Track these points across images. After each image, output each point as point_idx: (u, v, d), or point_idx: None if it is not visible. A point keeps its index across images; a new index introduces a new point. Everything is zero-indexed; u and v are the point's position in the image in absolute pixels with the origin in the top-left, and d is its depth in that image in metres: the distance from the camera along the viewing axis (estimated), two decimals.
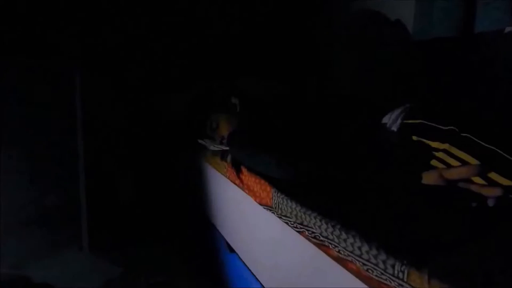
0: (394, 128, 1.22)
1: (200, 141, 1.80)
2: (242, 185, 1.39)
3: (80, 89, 1.97)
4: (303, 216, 0.99)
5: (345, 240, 0.84)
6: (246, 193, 1.36)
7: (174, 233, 2.18)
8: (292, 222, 1.06)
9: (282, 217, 1.11)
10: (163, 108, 2.28)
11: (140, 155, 2.35)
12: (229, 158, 1.51)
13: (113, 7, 2.18)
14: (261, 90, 1.99)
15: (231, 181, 1.50)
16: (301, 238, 1.02)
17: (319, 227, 0.93)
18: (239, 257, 1.51)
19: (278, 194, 1.12)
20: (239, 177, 1.41)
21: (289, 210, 1.06)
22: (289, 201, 1.06)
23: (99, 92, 2.17)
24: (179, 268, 1.92)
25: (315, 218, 0.95)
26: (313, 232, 0.96)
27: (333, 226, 0.88)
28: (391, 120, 1.25)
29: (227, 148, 1.58)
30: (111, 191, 2.23)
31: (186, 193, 2.18)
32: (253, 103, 1.74)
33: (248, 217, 1.41)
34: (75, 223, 2.04)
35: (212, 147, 1.71)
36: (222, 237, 1.67)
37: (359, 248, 0.80)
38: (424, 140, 1.12)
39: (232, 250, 1.57)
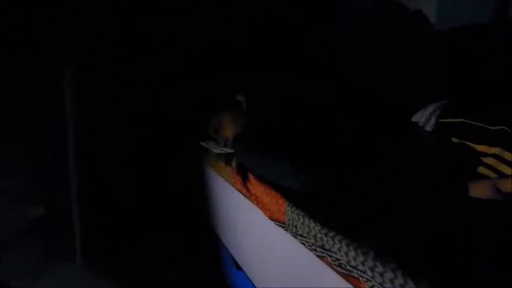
0: (429, 128, 1.04)
1: (202, 143, 1.62)
2: (249, 195, 1.21)
3: (71, 87, 1.79)
4: (325, 239, 0.81)
5: (381, 274, 0.66)
6: (254, 204, 1.18)
7: (175, 246, 2.01)
8: (310, 244, 0.88)
9: (298, 236, 0.93)
10: (164, 107, 2.11)
11: (139, 159, 2.18)
12: (234, 163, 1.34)
13: (112, 2, 2.01)
14: (270, 86, 1.81)
15: (237, 189, 1.32)
16: (322, 264, 0.84)
17: (346, 254, 0.74)
18: (247, 276, 1.33)
19: (293, 209, 0.94)
20: (245, 186, 1.23)
21: (307, 229, 0.88)
22: (306, 218, 0.88)
23: (94, 90, 2.00)
24: (180, 285, 1.74)
25: (340, 242, 0.76)
26: (337, 259, 0.78)
27: (364, 255, 0.70)
28: (424, 118, 1.07)
29: (232, 151, 1.40)
30: (106, 199, 2.06)
31: (189, 201, 2.01)
32: (261, 101, 1.55)
33: (257, 232, 1.23)
34: (68, 235, 1.87)
35: (215, 150, 1.53)
36: (228, 251, 1.50)
37: (402, 286, 0.62)
38: (468, 143, 0.93)
39: (239, 267, 1.40)
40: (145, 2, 2.10)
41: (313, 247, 0.86)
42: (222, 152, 1.47)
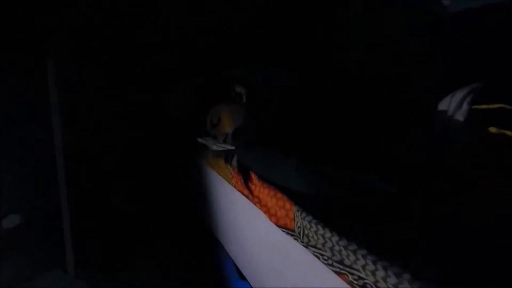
0: (460, 117, 0.89)
1: (200, 139, 1.48)
2: (251, 197, 1.06)
3: (56, 81, 1.66)
4: (344, 252, 0.66)
5: None
6: (257, 208, 1.03)
7: (173, 252, 1.87)
8: (326, 258, 0.73)
9: (310, 247, 0.78)
10: (158, 103, 1.97)
11: (132, 160, 2.05)
12: (234, 161, 1.19)
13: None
14: (272, 78, 1.65)
15: (238, 190, 1.17)
16: (341, 283, 0.69)
17: (373, 273, 0.60)
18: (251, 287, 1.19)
19: (303, 215, 0.79)
20: (247, 186, 1.09)
21: (321, 240, 0.73)
22: (320, 226, 0.74)
23: (82, 86, 1.87)
24: None
25: (364, 257, 0.62)
26: (360, 278, 0.63)
27: (397, 276, 0.56)
28: (453, 105, 0.92)
29: (232, 147, 1.26)
30: (99, 203, 1.93)
31: (186, 204, 1.87)
32: (262, 92, 1.39)
33: (262, 240, 1.08)
34: (58, 241, 1.74)
35: (214, 147, 1.38)
36: (230, 258, 1.35)
37: None
38: (509, 133, 0.78)
39: (242, 277, 1.25)
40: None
41: (330, 261, 0.71)
42: (221, 149, 1.33)
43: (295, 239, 0.84)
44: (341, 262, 0.68)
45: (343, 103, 1.25)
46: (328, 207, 0.78)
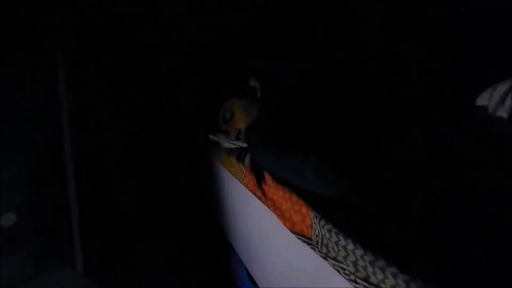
0: (503, 114, 0.84)
1: (211, 136, 1.44)
2: (264, 199, 1.04)
3: (65, 80, 1.67)
4: (370, 269, 0.64)
5: None
6: (271, 211, 1.02)
7: (181, 253, 1.87)
8: (348, 273, 0.71)
9: (329, 259, 0.76)
10: (158, 103, 1.96)
11: (140, 157, 2.05)
12: (246, 160, 1.16)
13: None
14: (286, 70, 1.56)
15: (251, 191, 1.14)
16: None
17: None
18: None
19: (322, 223, 0.78)
20: (260, 187, 1.05)
21: (342, 252, 0.71)
22: (341, 237, 0.72)
23: (91, 83, 1.87)
24: None
25: (394, 277, 0.60)
26: None
27: None
28: (495, 101, 0.86)
29: (245, 145, 1.23)
30: (99, 202, 1.93)
31: (196, 203, 1.85)
32: (277, 86, 1.29)
33: (274, 245, 1.07)
34: (67, 239, 1.75)
35: (226, 144, 1.35)
36: (242, 261, 1.34)
37: None
38: None
39: (254, 282, 1.24)
40: None
41: (352, 277, 0.69)
42: (234, 146, 1.30)
43: (312, 248, 0.82)
44: (366, 279, 0.66)
45: (343, 103, 1.21)
46: (347, 213, 0.76)
